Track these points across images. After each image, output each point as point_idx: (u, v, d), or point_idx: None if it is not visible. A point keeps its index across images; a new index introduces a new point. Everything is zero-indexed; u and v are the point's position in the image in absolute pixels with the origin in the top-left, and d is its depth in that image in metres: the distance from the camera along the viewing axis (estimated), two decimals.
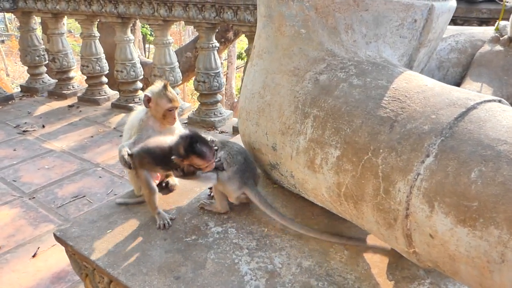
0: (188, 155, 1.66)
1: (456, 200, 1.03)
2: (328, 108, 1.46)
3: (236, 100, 13.82)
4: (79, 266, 1.83)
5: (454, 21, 3.20)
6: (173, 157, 1.67)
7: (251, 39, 4.47)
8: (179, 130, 2.12)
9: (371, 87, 1.40)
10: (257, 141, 1.87)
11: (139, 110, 2.08)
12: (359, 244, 1.67)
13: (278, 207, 1.92)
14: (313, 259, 1.62)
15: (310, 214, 1.87)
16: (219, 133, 4.97)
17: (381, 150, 1.23)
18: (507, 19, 2.20)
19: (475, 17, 3.13)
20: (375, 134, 1.27)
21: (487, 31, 2.31)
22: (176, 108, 2.03)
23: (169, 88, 2.03)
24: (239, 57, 17.80)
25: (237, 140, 2.62)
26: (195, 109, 5.27)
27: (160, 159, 1.78)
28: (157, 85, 2.02)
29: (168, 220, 1.84)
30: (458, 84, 2.13)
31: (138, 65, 5.67)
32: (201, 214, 1.90)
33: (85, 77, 6.20)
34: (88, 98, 6.13)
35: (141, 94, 5.86)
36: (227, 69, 16.13)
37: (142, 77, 5.76)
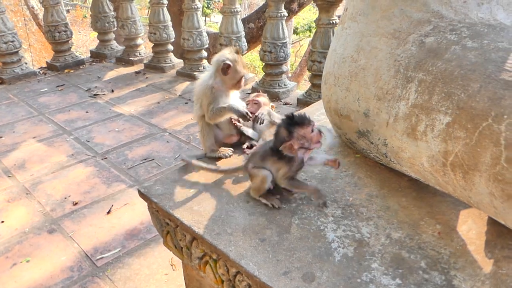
0: (292, 131, 1.59)
1: None
2: (437, 72, 1.36)
3: (290, 75, 13.64)
4: (161, 223, 1.87)
5: None
6: (281, 148, 1.60)
7: (322, 8, 4.32)
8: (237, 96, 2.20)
9: (489, 50, 1.29)
10: (345, 107, 1.81)
11: (205, 77, 2.11)
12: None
13: (362, 177, 1.86)
14: (403, 231, 1.56)
15: (396, 186, 1.79)
16: (283, 104, 4.91)
17: (505, 116, 1.13)
18: None
19: None
20: (497, 99, 1.16)
21: None
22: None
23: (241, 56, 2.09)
24: (295, 32, 17.44)
25: (315, 108, 2.56)
26: (259, 79, 5.23)
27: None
28: (228, 52, 2.05)
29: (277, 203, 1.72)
30: None
31: (204, 33, 5.68)
32: None
33: (152, 45, 6.33)
34: (154, 65, 6.26)
35: (205, 63, 5.90)
36: None
37: (207, 46, 5.78)
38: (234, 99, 2.14)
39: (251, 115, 2.04)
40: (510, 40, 1.29)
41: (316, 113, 2.51)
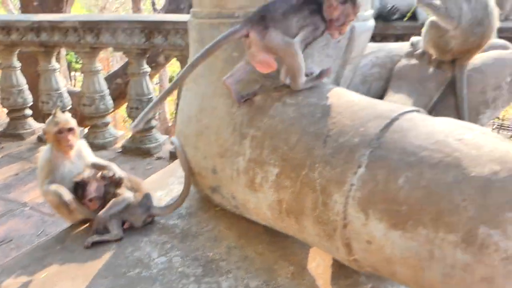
0: (346, 1, 1.51)
1: (387, 206, 1.11)
2: (264, 128, 1.51)
3: (170, 124, 13.63)
4: None
5: (373, 38, 3.40)
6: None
7: (182, 62, 4.47)
8: (91, 158, 2.11)
9: (303, 105, 1.47)
10: (196, 165, 1.87)
11: (45, 149, 2.03)
12: None
13: (222, 229, 1.92)
14: (260, 278, 1.63)
15: (253, 234, 1.88)
16: (156, 159, 4.85)
17: (317, 165, 1.29)
18: (420, 35, 2.40)
19: (391, 33, 3.39)
20: (310, 150, 1.32)
21: (403, 46, 2.51)
22: (68, 130, 1.96)
23: (59, 113, 2.01)
24: (171, 80, 17.69)
25: (177, 165, 2.58)
26: (129, 136, 5.12)
27: None
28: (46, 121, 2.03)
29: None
30: (381, 96, 2.28)
31: (66, 94, 5.41)
32: (144, 245, 1.84)
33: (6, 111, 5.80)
34: (11, 133, 5.71)
35: None
36: (159, 93, 15.93)
37: (70, 107, 5.50)
38: (78, 163, 2.05)
39: (74, 206, 1.90)
40: (319, 95, 1.50)
41: (179, 169, 2.55)
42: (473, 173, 1.01)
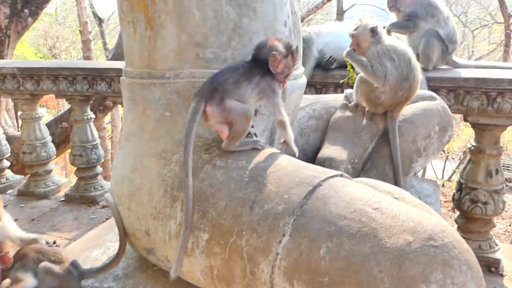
0: (288, 54, 1.63)
1: (311, 276, 1.11)
2: (194, 191, 1.49)
3: None
4: None
5: (314, 86, 3.57)
6: (274, 53, 1.58)
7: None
8: (10, 224, 2.00)
9: (232, 168, 1.47)
10: (130, 226, 1.81)
11: None
12: None
13: None
14: None
15: None
16: (101, 208, 4.66)
17: (244, 232, 1.28)
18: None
19: (330, 82, 3.53)
20: (238, 216, 1.32)
21: (338, 98, 2.61)
22: None
23: None
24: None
25: None
26: (73, 184, 4.91)
27: None
28: None
29: None
30: (319, 147, 2.34)
31: (4, 142, 5.15)
32: None
33: None
34: None
35: (8, 173, 5.29)
36: (112, 132, 15.58)
37: (9, 154, 5.24)
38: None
39: None
40: (248, 158, 1.51)
41: None
42: (388, 244, 1.04)
